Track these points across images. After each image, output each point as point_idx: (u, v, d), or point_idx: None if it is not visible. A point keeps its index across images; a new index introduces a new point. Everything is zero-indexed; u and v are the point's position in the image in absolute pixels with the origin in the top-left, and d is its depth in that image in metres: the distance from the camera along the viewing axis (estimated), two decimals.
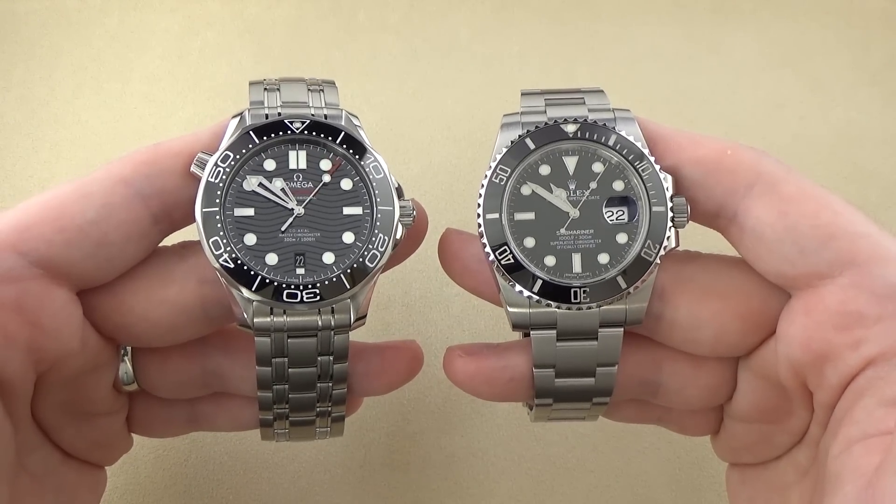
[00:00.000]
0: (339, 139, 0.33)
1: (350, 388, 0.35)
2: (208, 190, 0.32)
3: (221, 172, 0.32)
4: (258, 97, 0.34)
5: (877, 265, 0.30)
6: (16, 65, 0.51)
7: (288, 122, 0.33)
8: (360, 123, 0.34)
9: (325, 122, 0.33)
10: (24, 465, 0.32)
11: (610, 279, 0.32)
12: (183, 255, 0.33)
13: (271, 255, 0.32)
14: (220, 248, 0.32)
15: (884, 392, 0.29)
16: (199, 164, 0.32)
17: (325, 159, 0.33)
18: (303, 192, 0.33)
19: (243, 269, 0.32)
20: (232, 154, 0.33)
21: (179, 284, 0.33)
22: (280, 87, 0.34)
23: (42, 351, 0.30)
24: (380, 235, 0.33)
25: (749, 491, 0.36)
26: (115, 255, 0.32)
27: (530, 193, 0.33)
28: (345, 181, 0.33)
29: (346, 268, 0.32)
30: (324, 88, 0.35)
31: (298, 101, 0.34)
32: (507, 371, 0.34)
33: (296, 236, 0.33)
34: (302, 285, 0.32)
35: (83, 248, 0.31)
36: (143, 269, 0.33)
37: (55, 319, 0.31)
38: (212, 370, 0.35)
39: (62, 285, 0.31)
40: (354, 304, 0.33)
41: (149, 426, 0.37)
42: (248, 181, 0.33)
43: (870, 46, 0.52)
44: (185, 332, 0.33)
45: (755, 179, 0.32)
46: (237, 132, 0.33)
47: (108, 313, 0.33)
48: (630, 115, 0.34)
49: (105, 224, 0.31)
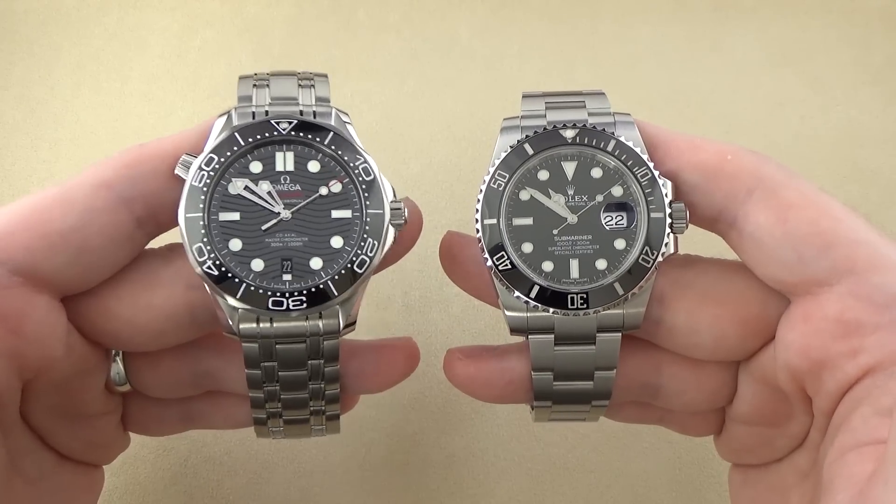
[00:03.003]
0: (328, 140, 0.32)
1: (345, 387, 0.34)
2: (191, 194, 0.31)
3: (205, 176, 0.31)
4: (246, 92, 0.33)
5: (876, 274, 0.30)
6: (15, 63, 0.50)
7: (275, 123, 0.32)
8: (350, 121, 0.33)
9: (313, 122, 0.33)
10: (19, 469, 0.32)
11: (607, 285, 0.32)
12: (169, 259, 0.33)
13: (257, 261, 0.31)
14: (204, 255, 0.31)
15: (880, 401, 0.29)
16: (183, 165, 0.31)
17: (313, 160, 0.33)
18: (290, 195, 0.32)
19: (227, 276, 0.31)
20: (216, 157, 0.32)
21: (166, 289, 0.32)
22: (270, 83, 0.33)
23: (26, 359, 0.30)
24: (369, 240, 0.32)
25: (750, 492, 0.36)
26: (99, 261, 0.31)
27: (529, 199, 0.33)
28: (333, 183, 0.32)
29: (334, 274, 0.32)
30: (315, 83, 0.34)
31: (288, 98, 0.33)
32: (505, 374, 0.34)
33: (283, 241, 0.32)
34: (288, 292, 0.31)
35: (65, 255, 0.30)
36: (128, 273, 0.32)
37: (38, 327, 0.30)
38: (204, 371, 0.35)
39: (44, 292, 0.31)
40: (344, 309, 0.32)
41: (144, 425, 0.37)
42: (234, 184, 0.32)
43: (871, 45, 0.52)
44: (173, 338, 0.33)
45: (756, 184, 0.31)
46: (223, 133, 0.32)
47: (93, 319, 0.32)
48: (630, 118, 0.34)
49: (87, 230, 0.31)
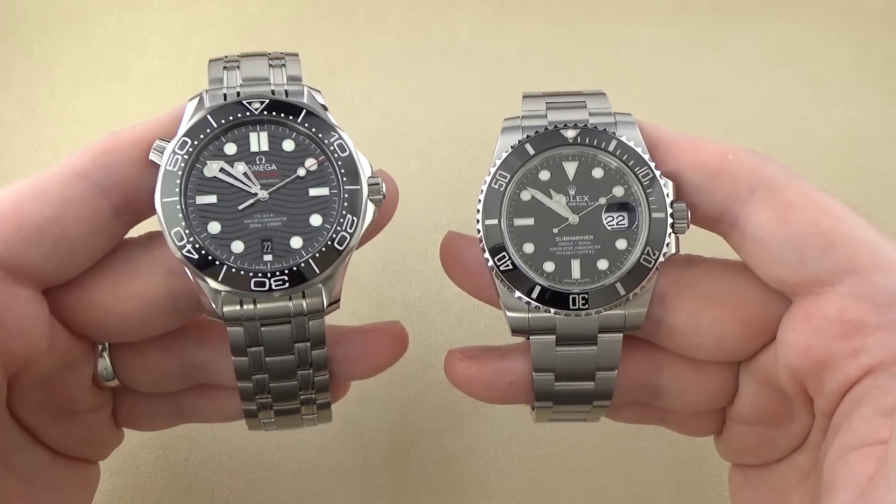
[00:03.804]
0: (301, 117, 0.32)
1: (334, 374, 0.34)
2: (167, 179, 0.31)
3: (180, 160, 0.31)
4: (217, 75, 0.33)
5: (878, 274, 0.30)
6: (15, 64, 0.50)
7: (247, 104, 0.32)
8: (323, 101, 0.33)
9: (285, 101, 0.32)
10: (11, 466, 0.32)
11: (609, 285, 0.32)
12: (149, 247, 0.33)
13: (237, 243, 0.31)
14: (183, 239, 0.31)
15: (881, 401, 0.29)
16: (157, 151, 0.31)
17: (287, 139, 0.32)
18: (266, 175, 0.32)
19: (208, 258, 0.31)
20: (190, 140, 0.31)
21: (147, 277, 0.32)
22: (240, 64, 0.33)
23: (9, 353, 0.30)
24: (348, 216, 0.32)
25: (751, 492, 0.36)
26: (78, 251, 0.31)
27: (530, 199, 0.33)
28: (309, 161, 0.32)
29: (314, 252, 0.32)
30: (286, 62, 0.34)
31: (259, 78, 0.33)
32: (506, 375, 0.34)
33: (261, 222, 0.32)
34: (270, 272, 0.31)
35: (43, 246, 0.30)
36: (108, 262, 0.32)
37: (20, 321, 0.30)
38: (191, 362, 0.34)
39: (25, 285, 0.31)
40: (327, 287, 0.32)
41: (135, 420, 0.37)
42: (209, 167, 0.32)
43: (871, 46, 0.52)
44: (157, 326, 0.33)
45: (757, 184, 0.31)
46: (195, 115, 0.32)
47: (75, 310, 0.32)
48: (631, 118, 0.34)
49: (64, 220, 0.31)
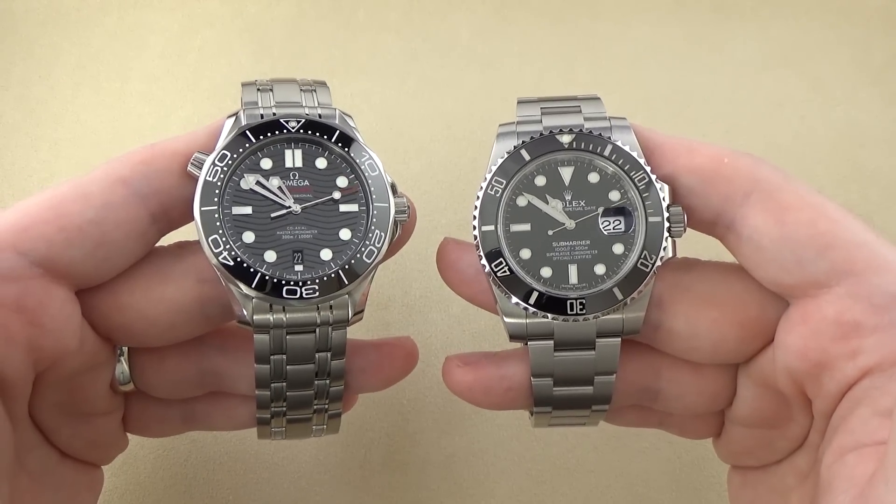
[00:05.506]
0: (335, 137, 0.34)
1: (347, 385, 0.35)
2: (206, 189, 0.32)
3: (219, 171, 0.33)
4: (251, 98, 0.34)
5: (874, 275, 0.30)
6: (15, 63, 0.50)
7: (284, 122, 0.34)
8: (354, 124, 0.35)
9: (320, 122, 0.34)
10: (23, 464, 0.32)
11: (606, 290, 0.32)
12: (180, 255, 0.34)
13: (270, 253, 0.33)
14: (220, 246, 0.32)
15: (879, 402, 0.29)
16: (195, 163, 0.33)
17: (320, 157, 0.34)
18: (299, 190, 0.33)
19: (242, 266, 0.32)
20: (229, 153, 0.33)
21: (177, 283, 0.33)
22: (273, 88, 0.35)
23: (42, 350, 0.31)
24: (376, 231, 0.33)
25: (750, 493, 0.36)
26: (114, 255, 0.32)
27: (526, 204, 0.33)
28: (340, 179, 0.34)
29: (343, 264, 0.33)
30: (315, 89, 0.35)
31: (292, 101, 0.34)
32: (505, 381, 0.34)
33: (293, 233, 0.33)
34: (301, 282, 0.32)
35: (83, 248, 0.31)
36: (140, 267, 0.33)
37: (55, 319, 0.31)
38: (209, 369, 0.35)
39: (62, 285, 0.31)
40: (352, 299, 0.33)
41: (145, 426, 0.37)
42: (246, 180, 0.33)
43: (871, 46, 0.52)
44: (183, 331, 0.34)
45: (752, 187, 0.32)
46: (233, 132, 0.33)
47: (106, 312, 0.33)
48: (626, 122, 0.34)
49: (104, 223, 0.31)
